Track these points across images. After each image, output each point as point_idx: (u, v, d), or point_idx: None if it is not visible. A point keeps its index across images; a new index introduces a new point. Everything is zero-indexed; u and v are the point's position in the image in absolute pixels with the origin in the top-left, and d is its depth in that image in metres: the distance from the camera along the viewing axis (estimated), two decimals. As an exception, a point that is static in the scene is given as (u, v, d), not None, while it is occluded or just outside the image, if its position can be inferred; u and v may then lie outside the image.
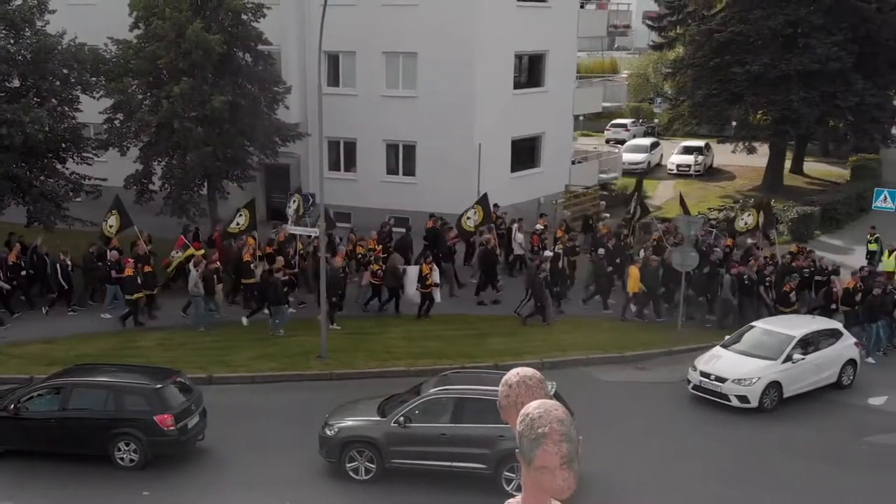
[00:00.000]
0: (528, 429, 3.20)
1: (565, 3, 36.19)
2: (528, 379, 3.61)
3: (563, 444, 3.15)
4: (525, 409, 3.28)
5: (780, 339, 20.44)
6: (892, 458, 17.01)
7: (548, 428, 3.16)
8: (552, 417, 3.19)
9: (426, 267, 25.41)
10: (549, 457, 3.15)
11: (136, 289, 24.32)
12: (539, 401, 3.32)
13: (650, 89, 65.05)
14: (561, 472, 3.16)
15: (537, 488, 3.28)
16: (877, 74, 40.08)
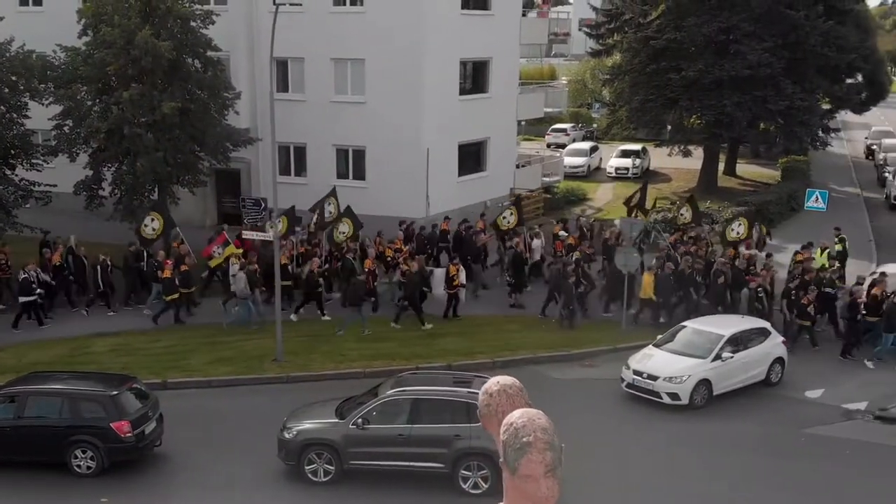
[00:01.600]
0: (512, 438, 3.16)
1: (507, 11, 36.32)
2: (508, 388, 3.58)
3: (547, 452, 3.12)
4: (508, 419, 3.23)
5: (710, 339, 20.58)
6: (829, 449, 17.33)
7: (532, 437, 3.12)
8: (536, 426, 3.15)
9: (453, 268, 25.55)
10: (533, 465, 3.11)
11: (174, 289, 24.58)
12: (522, 410, 3.28)
13: (589, 95, 65.61)
14: (545, 480, 3.13)
15: (521, 497, 3.23)
16: (805, 79, 40.87)
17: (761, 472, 16.84)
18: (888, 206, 41.77)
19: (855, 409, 20.05)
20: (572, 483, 14.53)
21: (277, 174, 29.54)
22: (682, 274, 24.91)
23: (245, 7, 33.00)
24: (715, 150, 44.67)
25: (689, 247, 27.25)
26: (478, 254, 28.12)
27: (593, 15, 50.80)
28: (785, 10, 38.76)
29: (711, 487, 16.26)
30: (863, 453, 17.55)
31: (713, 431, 18.89)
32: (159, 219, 26.55)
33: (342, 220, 27.79)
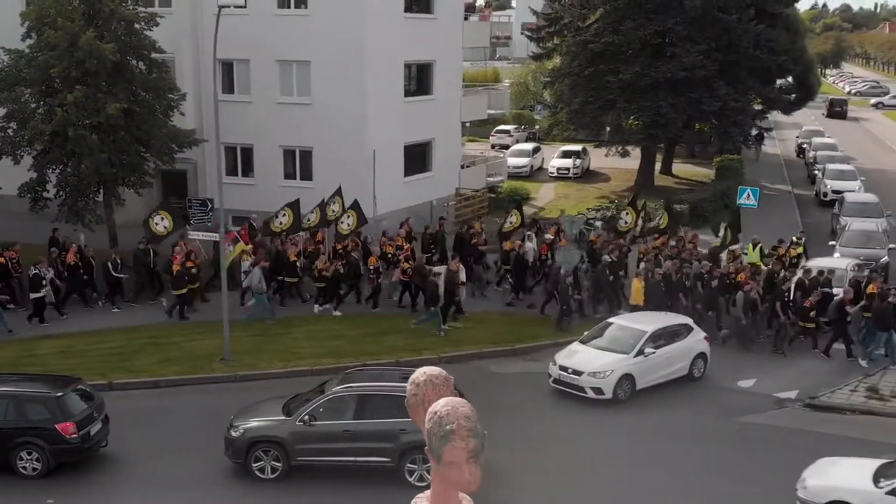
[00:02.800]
0: (436, 426, 3.16)
1: (450, 14, 36.38)
2: (434, 378, 3.58)
3: (469, 439, 3.13)
4: (433, 408, 3.23)
5: (633, 334, 20.71)
6: (762, 436, 17.64)
7: (455, 424, 3.13)
8: (459, 414, 3.16)
9: (453, 265, 25.40)
10: (456, 452, 3.12)
11: (183, 284, 24.65)
12: (446, 398, 3.29)
13: (531, 97, 65.98)
14: (468, 466, 3.14)
15: (446, 483, 3.24)
16: (738, 81, 41.58)
17: (696, 459, 17.11)
18: (818, 202, 42.70)
19: (786, 398, 20.46)
20: (501, 472, 14.67)
21: (224, 175, 29.37)
22: (669, 279, 24.34)
23: (189, 9, 32.62)
24: (652, 150, 45.26)
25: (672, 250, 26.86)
26: (479, 255, 27.90)
27: (534, 19, 51.12)
28: (718, 13, 39.41)
29: (648, 475, 16.44)
30: (795, 440, 17.88)
31: (650, 422, 19.09)
32: (168, 217, 26.45)
33: (348, 213, 27.77)
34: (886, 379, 21.31)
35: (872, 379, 21.27)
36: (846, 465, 15.41)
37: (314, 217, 28.25)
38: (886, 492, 14.07)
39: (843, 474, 15.03)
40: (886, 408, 19.72)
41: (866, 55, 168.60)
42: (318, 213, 28.23)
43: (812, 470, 15.26)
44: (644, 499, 15.60)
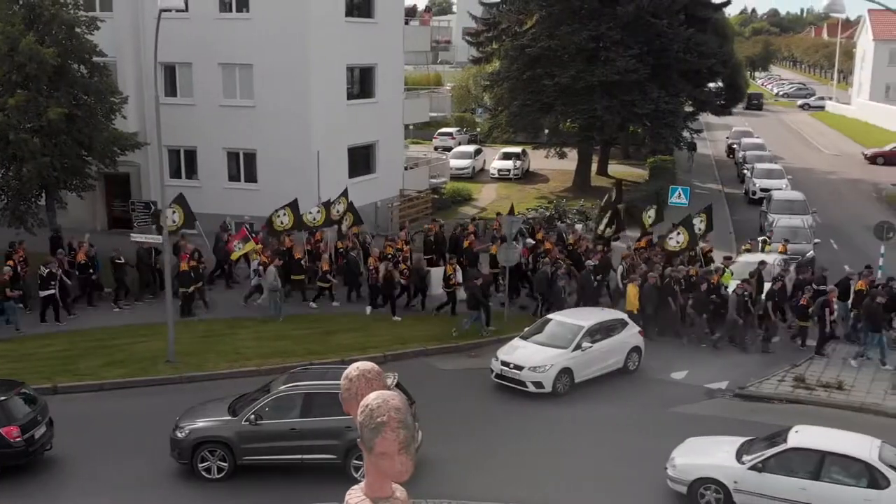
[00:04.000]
0: (367, 419, 3.24)
1: (391, 19, 36.40)
2: (367, 372, 3.65)
3: (400, 430, 3.21)
4: (364, 401, 3.31)
5: (571, 330, 20.95)
6: (693, 425, 17.94)
7: (386, 416, 3.21)
8: (390, 406, 3.24)
9: (450, 267, 25.39)
10: (388, 443, 3.20)
11: (190, 282, 24.85)
12: (377, 392, 3.36)
13: (472, 100, 66.28)
14: (399, 456, 3.22)
15: (378, 473, 3.32)
16: (669, 83, 42.26)
17: (633, 448, 17.38)
18: (747, 200, 43.63)
19: (716, 388, 20.91)
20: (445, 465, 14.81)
21: (167, 177, 29.06)
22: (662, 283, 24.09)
23: (131, 13, 32.14)
24: (588, 151, 45.81)
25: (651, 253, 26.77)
26: (474, 257, 27.64)
27: (474, 24, 51.37)
28: (649, 18, 40.00)
29: (586, 464, 16.70)
30: (726, 428, 18.25)
31: (588, 414, 19.36)
32: (180, 211, 26.57)
33: (346, 214, 27.88)
34: (812, 369, 21.91)
35: (799, 369, 21.84)
36: (712, 444, 15.96)
37: (319, 216, 28.40)
38: (748, 467, 14.62)
39: (708, 452, 15.54)
40: (812, 396, 20.27)
41: (793, 58, 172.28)
42: (324, 213, 28.37)
43: (681, 449, 15.74)
44: (582, 487, 15.84)
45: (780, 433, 15.36)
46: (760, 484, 14.52)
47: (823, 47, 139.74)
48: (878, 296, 22.37)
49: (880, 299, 22.20)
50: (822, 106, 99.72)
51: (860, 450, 14.31)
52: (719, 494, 14.89)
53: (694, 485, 15.08)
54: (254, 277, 26.46)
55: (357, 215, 28.54)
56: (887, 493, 13.73)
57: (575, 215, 34.60)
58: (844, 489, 14.02)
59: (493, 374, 20.74)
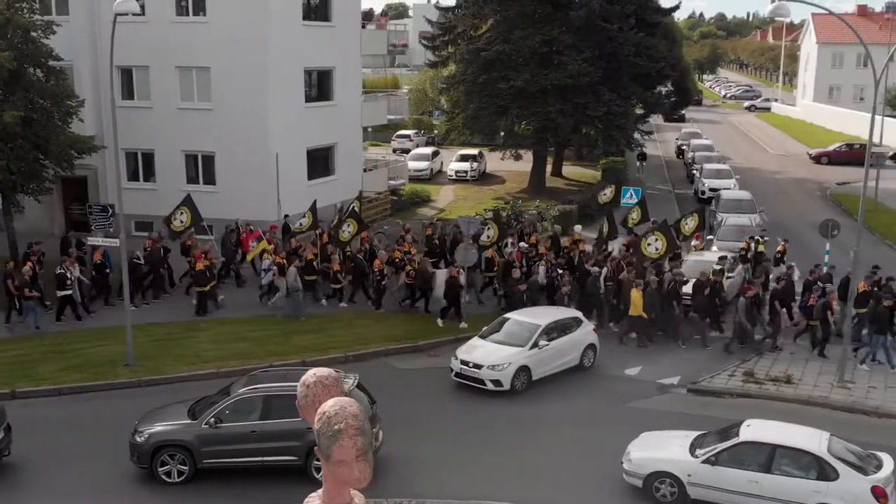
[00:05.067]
0: (325, 426, 3.15)
1: (348, 22, 36.22)
2: (324, 378, 3.56)
3: (358, 437, 3.13)
4: (322, 408, 3.22)
5: (528, 328, 20.98)
6: (648, 420, 18.06)
7: (343, 424, 3.13)
8: (347, 414, 3.15)
9: (455, 270, 25.12)
10: (345, 451, 3.11)
11: (206, 281, 24.90)
12: (335, 399, 3.28)
13: (429, 103, 66.29)
14: (357, 464, 3.14)
15: (336, 481, 3.23)
16: (620, 87, 42.66)
17: (589, 443, 17.46)
18: (696, 200, 44.09)
19: (669, 384, 21.08)
20: (406, 464, 14.69)
21: (125, 180, 28.61)
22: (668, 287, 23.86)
23: (87, 17, 31.66)
24: (543, 153, 46.03)
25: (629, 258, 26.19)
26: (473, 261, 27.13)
27: (430, 28, 51.33)
28: (601, 23, 40.31)
29: (545, 460, 16.72)
30: (678, 423, 18.40)
31: (546, 411, 19.40)
32: (188, 212, 26.74)
33: (346, 222, 27.71)
34: (761, 364, 22.18)
35: (748, 364, 22.10)
36: (666, 438, 16.08)
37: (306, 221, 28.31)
38: (701, 461, 14.76)
39: (662, 446, 15.66)
40: (762, 390, 20.52)
41: (740, 61, 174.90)
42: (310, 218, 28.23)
43: (636, 443, 15.85)
44: (541, 482, 15.85)
45: (731, 427, 15.51)
46: (713, 477, 14.65)
47: (769, 50, 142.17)
48: (884, 299, 21.92)
49: (887, 303, 21.76)
50: (768, 107, 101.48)
51: (809, 443, 14.49)
52: (674, 488, 15.00)
53: (649, 478, 15.17)
54: (264, 276, 26.36)
55: (361, 222, 28.54)
56: (835, 484, 13.92)
57: (532, 216, 34.69)
58: (794, 481, 14.19)
59: (452, 373, 20.69)
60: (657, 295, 23.55)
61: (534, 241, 28.81)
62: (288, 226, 28.73)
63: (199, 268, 25.07)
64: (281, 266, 25.35)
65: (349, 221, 27.90)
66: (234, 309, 25.73)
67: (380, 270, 25.73)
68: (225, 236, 28.31)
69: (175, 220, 26.94)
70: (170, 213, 27.19)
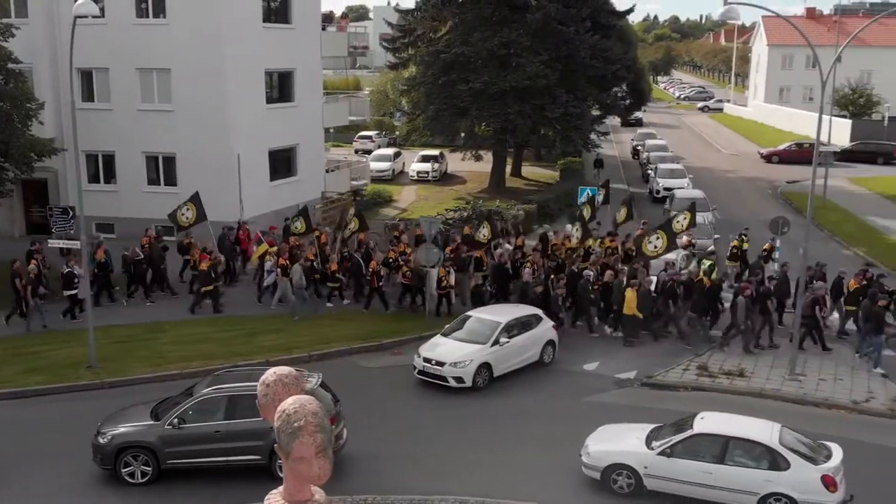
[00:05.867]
0: (285, 424, 3.17)
1: (308, 25, 36.07)
2: (284, 377, 3.57)
3: (317, 434, 3.15)
4: (281, 406, 3.24)
5: (489, 326, 21.05)
6: (605, 413, 18.22)
7: (303, 421, 3.14)
8: (307, 411, 3.17)
9: (442, 270, 25.07)
10: (305, 448, 3.13)
11: (210, 281, 24.99)
12: (295, 397, 3.29)
13: (390, 104, 66.22)
14: (317, 460, 3.16)
15: (297, 477, 3.25)
16: (577, 88, 42.93)
17: (548, 438, 17.57)
18: (651, 199, 44.58)
19: (626, 378, 21.28)
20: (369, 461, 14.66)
21: (85, 182, 28.23)
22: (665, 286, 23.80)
23: (46, 19, 31.22)
24: (502, 154, 46.20)
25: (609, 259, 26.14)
26: (462, 263, 26.79)
27: (390, 30, 51.27)
28: (557, 26, 40.55)
29: (507, 455, 16.81)
30: (635, 416, 18.62)
31: (507, 406, 19.49)
32: (193, 208, 26.95)
33: (352, 220, 28.08)
34: (715, 357, 22.49)
35: (702, 358, 22.40)
36: (623, 431, 16.26)
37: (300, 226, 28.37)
38: (657, 453, 14.96)
39: (620, 439, 15.84)
40: (715, 384, 20.79)
41: (693, 63, 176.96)
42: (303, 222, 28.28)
43: (594, 437, 16.02)
44: (502, 476, 15.91)
45: (686, 420, 15.71)
46: (669, 468, 14.83)
47: (721, 52, 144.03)
48: (880, 298, 21.85)
49: (882, 302, 21.69)
50: (720, 108, 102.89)
51: (761, 434, 14.73)
52: (631, 479, 15.17)
53: (607, 470, 15.33)
54: (266, 277, 26.34)
55: (363, 221, 28.72)
56: (787, 474, 14.18)
57: (518, 215, 34.75)
58: (747, 471, 14.42)
59: (415, 371, 20.71)
60: (651, 295, 23.51)
61: (520, 242, 28.72)
62: (288, 227, 28.73)
63: (204, 267, 25.05)
64: (284, 267, 25.38)
65: (353, 219, 28.34)
66: (231, 308, 25.73)
67: (375, 272, 25.69)
68: (222, 235, 28.22)
69: (181, 216, 27.10)
70: (175, 209, 27.28)
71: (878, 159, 57.51)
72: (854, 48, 64.42)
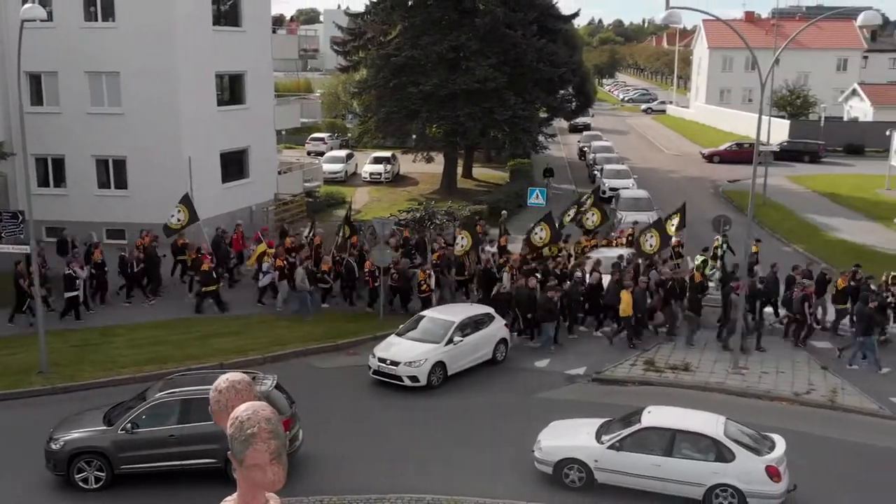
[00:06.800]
0: (237, 431, 3.10)
1: (258, 27, 35.69)
2: (236, 383, 3.51)
3: (271, 441, 3.09)
4: (234, 413, 3.17)
5: (443, 325, 21.06)
6: (557, 409, 18.33)
7: (256, 428, 3.08)
8: (260, 418, 3.11)
9: (422, 274, 24.88)
10: (259, 455, 3.07)
11: (212, 281, 24.99)
12: (247, 403, 3.23)
13: (342, 107, 65.90)
14: (271, 467, 3.10)
15: (250, 484, 3.19)
16: (525, 91, 43.14)
17: (501, 434, 17.63)
18: (598, 199, 44.89)
19: (575, 374, 21.44)
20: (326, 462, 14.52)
21: (35, 186, 27.56)
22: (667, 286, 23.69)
23: (-8, 22, 30.31)
24: (453, 155, 46.25)
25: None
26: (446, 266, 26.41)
27: (341, 33, 50.99)
28: (505, 30, 40.73)
29: (462, 452, 16.82)
30: (584, 411, 18.76)
31: (461, 404, 19.52)
32: (185, 210, 26.82)
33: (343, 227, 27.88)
34: (661, 353, 22.78)
35: (649, 353, 22.68)
36: (574, 426, 16.39)
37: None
38: (607, 447, 15.13)
39: (571, 434, 15.96)
40: (661, 378, 21.07)
41: (637, 65, 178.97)
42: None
43: (546, 432, 16.13)
44: (458, 472, 15.92)
45: (634, 414, 15.87)
46: (619, 462, 14.98)
47: (664, 55, 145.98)
48: (870, 300, 21.96)
49: (872, 304, 21.78)
50: (663, 110, 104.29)
51: (707, 427, 14.95)
52: (582, 473, 15.28)
53: (559, 465, 15.42)
54: (262, 278, 26.13)
55: (353, 227, 28.69)
56: (732, 465, 14.40)
57: (444, 216, 34.80)
58: (694, 464, 14.62)
59: (370, 371, 20.63)
60: (645, 296, 23.46)
61: (503, 243, 28.50)
62: (284, 229, 28.46)
63: (205, 268, 24.93)
64: (282, 269, 25.27)
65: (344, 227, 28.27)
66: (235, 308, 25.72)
67: (371, 272, 25.53)
68: (216, 238, 27.96)
69: (172, 219, 26.84)
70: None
71: (805, 157, 58.84)
72: (791, 51, 65.94)
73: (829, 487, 15.61)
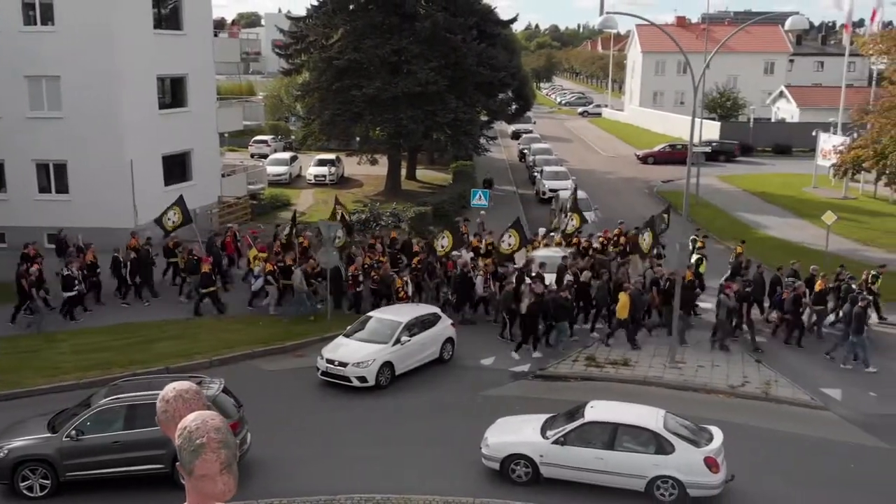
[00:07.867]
0: (186, 441, 2.98)
1: (199, 31, 35.06)
2: (184, 392, 3.38)
3: (221, 451, 2.98)
4: (182, 423, 3.05)
5: (390, 325, 20.97)
6: (502, 406, 18.39)
7: (205, 438, 2.97)
8: (209, 427, 3.00)
9: (399, 281, 24.43)
10: (208, 465, 2.96)
11: (211, 283, 24.90)
12: (196, 413, 3.11)
13: (285, 109, 65.18)
14: (221, 477, 2.99)
15: (200, 495, 3.06)
16: (466, 94, 43.20)
17: (449, 431, 17.61)
18: (538, 200, 45.35)
19: (520, 371, 21.53)
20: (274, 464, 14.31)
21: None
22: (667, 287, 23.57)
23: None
24: (397, 158, 46.12)
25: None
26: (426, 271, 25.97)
27: (282, 36, 50.41)
28: (445, 34, 40.74)
29: (411, 450, 16.76)
30: (528, 407, 18.85)
31: (409, 403, 19.45)
32: (179, 212, 26.68)
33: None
34: (602, 349, 22.99)
35: (590, 349, 22.88)
36: (520, 422, 16.48)
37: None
38: (552, 442, 15.23)
39: (516, 430, 16.04)
40: (602, 373, 21.27)
41: (573, 70, 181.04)
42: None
43: (493, 429, 16.19)
44: (407, 470, 15.85)
45: (577, 409, 15.98)
46: (563, 456, 15.06)
47: (599, 59, 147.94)
48: (862, 300, 21.91)
49: (862, 303, 21.75)
50: (599, 113, 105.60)
51: (647, 420, 15.13)
52: (528, 468, 15.34)
53: (506, 461, 15.45)
54: (254, 282, 25.78)
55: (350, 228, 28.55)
56: (672, 457, 14.60)
57: (388, 217, 34.68)
58: (635, 456, 14.78)
59: (318, 372, 20.42)
60: (642, 298, 23.35)
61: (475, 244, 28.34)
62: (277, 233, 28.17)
63: (205, 270, 24.75)
64: (273, 273, 25.03)
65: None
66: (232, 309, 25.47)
67: (353, 276, 25.29)
68: (210, 240, 27.53)
69: (167, 221, 26.50)
70: (161, 213, 26.64)
71: (721, 157, 60.10)
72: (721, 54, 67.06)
73: (765, 476, 15.92)
